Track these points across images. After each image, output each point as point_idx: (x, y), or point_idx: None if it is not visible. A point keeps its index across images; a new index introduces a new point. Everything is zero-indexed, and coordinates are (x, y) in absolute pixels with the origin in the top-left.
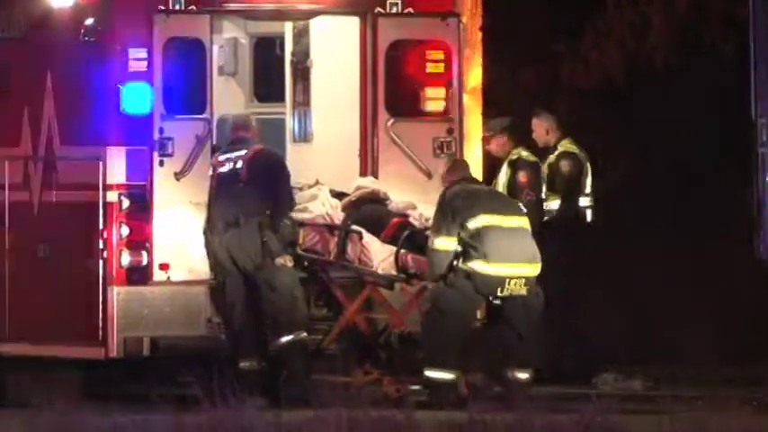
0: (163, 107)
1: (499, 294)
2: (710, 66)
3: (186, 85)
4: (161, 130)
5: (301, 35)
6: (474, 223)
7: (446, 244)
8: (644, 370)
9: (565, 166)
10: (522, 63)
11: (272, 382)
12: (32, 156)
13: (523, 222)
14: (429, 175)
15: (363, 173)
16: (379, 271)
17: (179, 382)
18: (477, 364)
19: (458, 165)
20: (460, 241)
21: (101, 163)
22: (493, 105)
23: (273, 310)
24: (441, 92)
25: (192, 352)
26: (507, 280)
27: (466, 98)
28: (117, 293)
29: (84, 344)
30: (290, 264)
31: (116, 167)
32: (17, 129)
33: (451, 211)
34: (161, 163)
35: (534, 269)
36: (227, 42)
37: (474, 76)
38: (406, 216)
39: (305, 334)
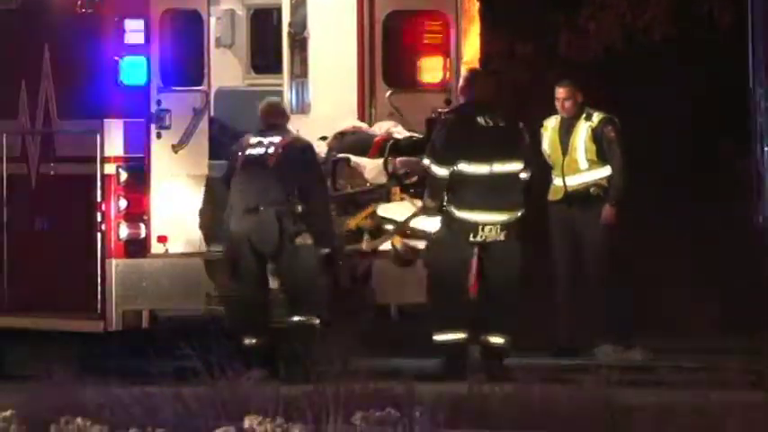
0: (160, 79)
1: (472, 240)
2: (708, 36)
3: (183, 57)
4: (158, 102)
5: (298, 6)
6: (462, 166)
7: (443, 173)
8: (643, 341)
9: (613, 131)
10: (519, 34)
11: (272, 356)
12: (30, 128)
13: (513, 167)
14: None
15: None
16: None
17: (178, 354)
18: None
19: (475, 80)
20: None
21: (98, 135)
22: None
23: (292, 289)
24: (438, 62)
25: (191, 325)
26: (481, 226)
27: (463, 69)
28: (115, 266)
29: (82, 317)
30: (309, 241)
31: (114, 140)
32: (14, 101)
33: (450, 142)
34: (158, 135)
35: (511, 215)
36: (224, 14)
37: (471, 46)
38: (390, 133)
39: (317, 321)
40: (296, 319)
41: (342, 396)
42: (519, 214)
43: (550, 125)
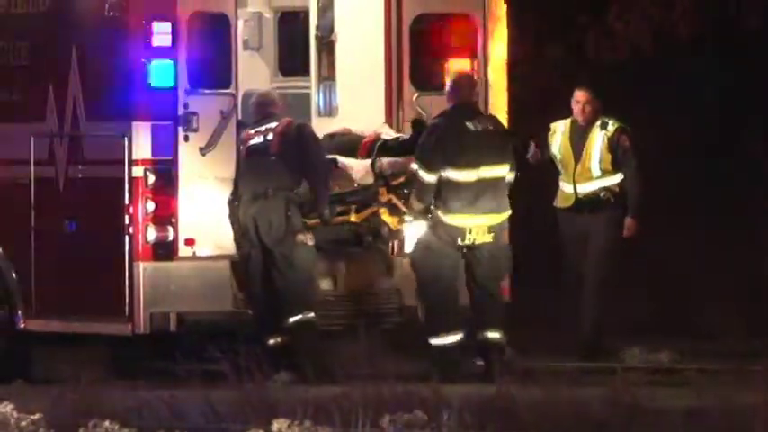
0: (187, 82)
1: (461, 243)
2: (736, 36)
3: (211, 60)
4: (186, 105)
5: (326, 9)
6: (451, 172)
7: (431, 179)
8: (670, 344)
9: (627, 140)
10: (546, 36)
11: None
12: (58, 131)
13: (501, 171)
14: None
15: None
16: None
17: (206, 357)
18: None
19: (464, 83)
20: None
21: (126, 138)
22: (518, 78)
23: (285, 287)
24: (466, 65)
25: (219, 327)
26: (468, 229)
27: (490, 71)
28: (143, 269)
29: (110, 320)
30: (310, 242)
31: (142, 143)
32: (42, 104)
33: (440, 149)
34: (186, 138)
35: (498, 218)
36: (251, 16)
37: (498, 49)
38: (378, 134)
39: (312, 314)
40: (292, 319)
41: (370, 399)
42: (506, 216)
43: (559, 129)
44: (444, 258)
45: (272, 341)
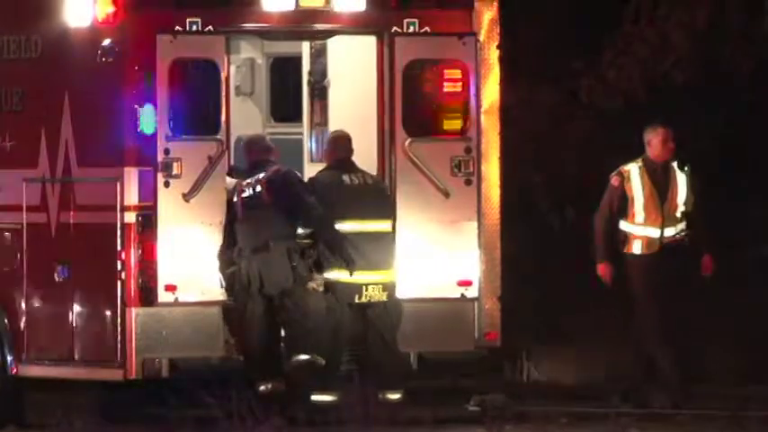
0: (168, 128)
1: (357, 301)
2: (729, 81)
3: (196, 106)
4: (166, 151)
5: (318, 55)
6: (340, 227)
7: None
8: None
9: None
10: (540, 81)
11: (290, 402)
12: (50, 177)
13: (386, 226)
14: (447, 194)
15: None
16: None
17: (198, 403)
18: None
19: (340, 142)
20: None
21: (118, 184)
22: (510, 124)
23: (299, 332)
24: (458, 111)
25: (211, 373)
26: (365, 286)
27: (483, 117)
28: (135, 315)
29: (102, 365)
30: (320, 289)
31: (132, 188)
32: (35, 150)
33: (324, 204)
34: (166, 184)
35: (391, 275)
36: (243, 62)
37: (491, 94)
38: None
39: (323, 361)
40: (302, 357)
41: None
42: (395, 273)
43: (634, 172)
44: (341, 317)
45: (263, 387)
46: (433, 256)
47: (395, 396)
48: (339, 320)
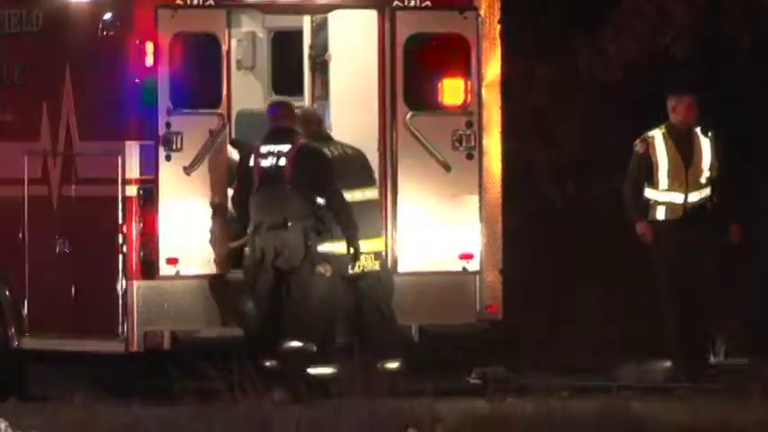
0: (170, 101)
1: (351, 272)
2: (728, 56)
3: (197, 80)
4: (167, 125)
5: (319, 29)
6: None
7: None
8: (665, 361)
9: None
10: (540, 56)
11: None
12: (51, 150)
13: (372, 194)
14: (448, 168)
15: (382, 166)
16: None
17: (199, 375)
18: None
19: (312, 117)
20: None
21: (119, 157)
22: (511, 98)
23: (297, 314)
24: (459, 85)
25: (213, 345)
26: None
27: (484, 91)
28: (137, 288)
29: (104, 338)
30: (328, 274)
31: (133, 162)
32: (36, 123)
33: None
34: (167, 158)
35: (381, 243)
36: (244, 36)
37: (492, 69)
38: None
39: (314, 347)
40: (293, 344)
41: (364, 416)
42: (384, 242)
43: (658, 137)
44: (335, 290)
45: (268, 363)
46: (435, 230)
47: (393, 365)
48: (337, 296)
